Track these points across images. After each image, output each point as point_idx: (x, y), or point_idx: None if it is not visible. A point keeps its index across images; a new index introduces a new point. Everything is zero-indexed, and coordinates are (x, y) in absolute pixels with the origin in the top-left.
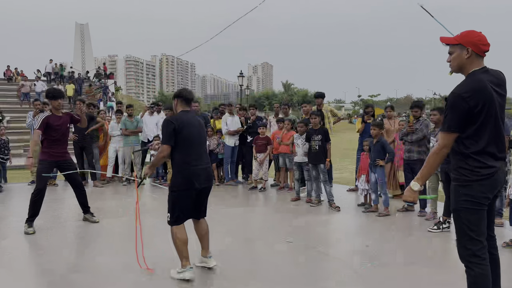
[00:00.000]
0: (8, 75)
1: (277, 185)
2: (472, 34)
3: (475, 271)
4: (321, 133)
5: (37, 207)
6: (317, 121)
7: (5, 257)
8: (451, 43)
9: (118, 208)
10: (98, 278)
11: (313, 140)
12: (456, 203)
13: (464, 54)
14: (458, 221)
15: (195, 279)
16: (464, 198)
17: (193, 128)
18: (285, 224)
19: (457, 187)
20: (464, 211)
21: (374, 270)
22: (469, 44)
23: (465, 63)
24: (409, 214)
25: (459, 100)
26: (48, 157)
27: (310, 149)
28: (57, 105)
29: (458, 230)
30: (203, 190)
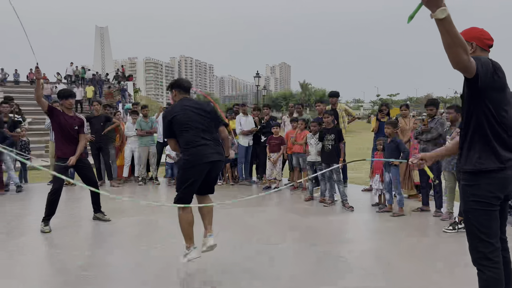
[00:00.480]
0: (31, 78)
1: (291, 185)
2: (474, 30)
3: (487, 274)
4: (334, 133)
5: (53, 206)
6: (329, 120)
7: (21, 254)
8: None
9: (133, 208)
10: (111, 276)
11: (326, 139)
12: (465, 204)
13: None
14: (468, 222)
15: (203, 278)
16: (472, 198)
17: (190, 112)
18: (297, 224)
19: (464, 187)
20: (473, 212)
21: (386, 271)
22: (472, 39)
23: None
24: (424, 214)
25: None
26: (63, 155)
27: (323, 149)
28: (68, 104)
29: (469, 232)
30: (213, 166)
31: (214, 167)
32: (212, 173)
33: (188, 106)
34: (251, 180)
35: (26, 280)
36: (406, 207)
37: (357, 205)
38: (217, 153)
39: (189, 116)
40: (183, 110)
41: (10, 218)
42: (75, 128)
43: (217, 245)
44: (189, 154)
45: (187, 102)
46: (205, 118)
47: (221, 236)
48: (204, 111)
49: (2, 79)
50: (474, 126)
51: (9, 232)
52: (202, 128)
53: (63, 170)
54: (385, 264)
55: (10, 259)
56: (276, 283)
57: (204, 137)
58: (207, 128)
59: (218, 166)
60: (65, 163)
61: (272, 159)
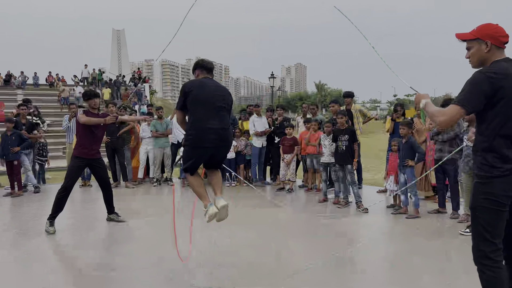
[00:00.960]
0: (50, 81)
1: (305, 186)
2: (489, 27)
3: (487, 274)
4: (348, 133)
5: (61, 204)
6: (343, 120)
7: (37, 254)
8: (468, 38)
9: (148, 208)
10: (125, 277)
11: (340, 140)
12: (474, 201)
13: (484, 48)
14: (475, 220)
15: (216, 275)
16: (483, 196)
17: (206, 89)
18: (310, 226)
19: (477, 184)
20: (482, 209)
21: (399, 274)
22: (487, 37)
23: (486, 57)
24: (441, 216)
25: (481, 77)
26: (82, 154)
27: (336, 150)
28: (93, 104)
29: (474, 230)
30: (216, 152)
31: (217, 152)
32: (216, 157)
33: (207, 86)
34: (264, 182)
35: (40, 280)
36: (422, 208)
37: (371, 206)
38: (220, 139)
39: (206, 95)
40: (201, 88)
41: (27, 219)
42: (103, 127)
43: (227, 243)
44: (193, 134)
45: (208, 81)
46: (220, 101)
47: (231, 235)
48: (223, 96)
49: (22, 82)
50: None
51: (25, 232)
52: (214, 111)
53: (78, 169)
54: (400, 267)
55: (25, 259)
56: (288, 284)
57: (214, 120)
58: (219, 112)
59: (221, 152)
60: (80, 163)
61: (285, 160)
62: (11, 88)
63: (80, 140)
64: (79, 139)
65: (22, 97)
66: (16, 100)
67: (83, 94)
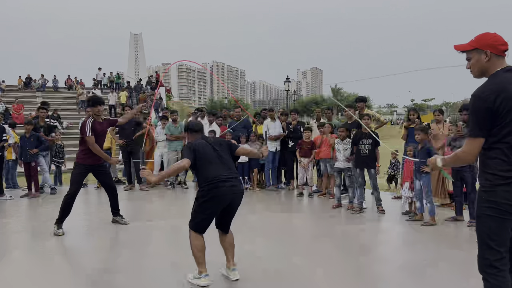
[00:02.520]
0: (69, 84)
1: (319, 191)
2: (486, 36)
3: (491, 282)
4: (372, 138)
5: (67, 209)
6: (369, 122)
7: (50, 255)
8: (467, 49)
9: (162, 211)
10: (136, 279)
11: (363, 143)
12: (478, 209)
13: (483, 58)
14: (479, 228)
15: (228, 282)
16: (486, 204)
17: (206, 148)
18: (323, 232)
19: (480, 192)
20: (485, 217)
21: (412, 284)
22: (486, 46)
23: (486, 66)
24: (457, 224)
25: (478, 101)
26: (84, 161)
27: (359, 153)
28: (97, 111)
29: (479, 238)
30: (232, 200)
31: (233, 200)
32: (232, 205)
33: (205, 143)
34: (278, 186)
35: (52, 280)
36: (439, 216)
37: (386, 213)
38: (234, 185)
39: (206, 151)
40: (202, 146)
41: (43, 220)
42: (105, 132)
43: (237, 249)
44: (207, 186)
45: (202, 139)
46: (221, 152)
47: (246, 242)
48: (220, 145)
49: (42, 85)
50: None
51: (41, 233)
52: (221, 164)
53: (81, 175)
54: (413, 276)
55: (39, 260)
56: None
57: (224, 171)
58: (226, 162)
59: (237, 199)
60: (83, 170)
61: (302, 163)
62: (31, 91)
63: (82, 147)
64: (81, 147)
65: (42, 100)
66: (36, 102)
67: (87, 101)
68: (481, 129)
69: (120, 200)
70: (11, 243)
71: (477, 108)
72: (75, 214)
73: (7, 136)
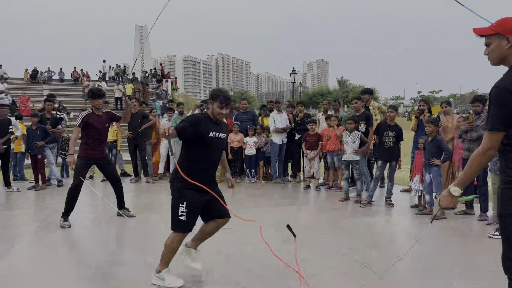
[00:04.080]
0: (75, 76)
1: (326, 184)
2: (508, 22)
3: None
4: (396, 131)
5: (73, 202)
6: (394, 115)
7: (55, 247)
8: (487, 33)
9: (168, 204)
10: (141, 272)
11: (386, 135)
12: (502, 208)
13: (504, 44)
14: (504, 228)
15: (231, 276)
16: (510, 202)
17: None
18: (330, 226)
19: (504, 190)
20: (510, 217)
21: (422, 279)
22: (508, 32)
23: (507, 53)
24: (467, 218)
25: (504, 94)
26: (86, 154)
27: (383, 145)
28: (96, 104)
29: (504, 239)
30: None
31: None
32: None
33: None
34: (284, 179)
35: (57, 273)
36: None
37: (395, 206)
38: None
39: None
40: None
41: (49, 212)
42: (106, 126)
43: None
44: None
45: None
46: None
47: (246, 235)
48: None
49: (48, 77)
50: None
51: (47, 225)
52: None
53: (84, 168)
54: (420, 271)
55: (45, 252)
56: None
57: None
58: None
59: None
60: (85, 162)
61: (308, 156)
62: (38, 83)
63: (84, 140)
64: (83, 139)
65: (48, 92)
66: (42, 95)
67: (88, 93)
68: (504, 123)
69: (126, 193)
70: (17, 235)
71: (503, 101)
72: (82, 207)
73: (13, 129)
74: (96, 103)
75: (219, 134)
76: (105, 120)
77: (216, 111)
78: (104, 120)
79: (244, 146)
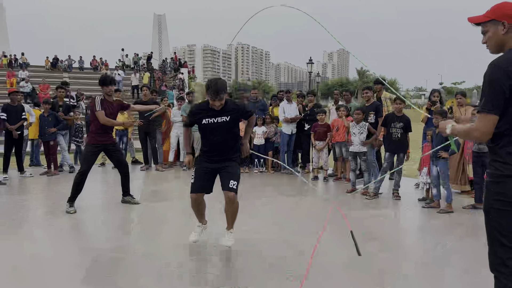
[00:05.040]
0: (94, 64)
1: (334, 175)
2: (504, 6)
3: (503, 282)
4: (403, 122)
5: (79, 187)
6: (401, 107)
7: (61, 233)
8: (482, 21)
9: (177, 191)
10: (146, 258)
11: (394, 127)
12: (487, 203)
13: (500, 29)
14: (488, 224)
15: (233, 266)
16: (495, 196)
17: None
18: (336, 218)
19: (489, 183)
20: (494, 212)
21: (421, 275)
22: (503, 17)
23: (504, 39)
24: (476, 213)
25: (497, 72)
26: (95, 141)
27: (390, 137)
28: (108, 91)
29: (489, 235)
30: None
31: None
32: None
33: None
34: (293, 169)
35: (60, 257)
36: (457, 203)
37: (402, 199)
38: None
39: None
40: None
41: (58, 197)
42: (116, 113)
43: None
44: None
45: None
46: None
47: (251, 225)
48: None
49: (69, 66)
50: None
51: (54, 210)
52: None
53: (93, 155)
54: (424, 267)
55: (49, 237)
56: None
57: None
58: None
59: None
60: (94, 149)
61: (317, 147)
62: (58, 71)
63: (93, 127)
64: (92, 126)
65: (69, 80)
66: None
67: (99, 80)
68: (495, 105)
69: (135, 180)
70: (25, 219)
71: (494, 78)
72: (90, 193)
73: (26, 115)
74: (107, 89)
75: (214, 119)
76: (116, 108)
77: (210, 102)
78: (115, 108)
79: (253, 135)
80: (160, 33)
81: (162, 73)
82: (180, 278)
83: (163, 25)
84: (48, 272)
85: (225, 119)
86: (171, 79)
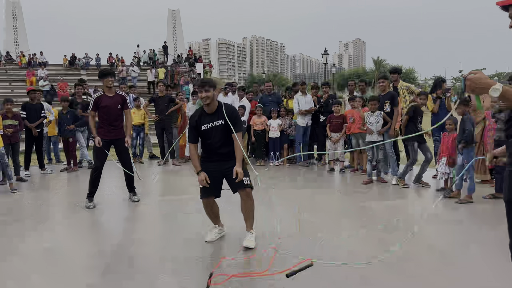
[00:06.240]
0: (110, 61)
1: (351, 166)
2: None
3: None
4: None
5: (95, 183)
6: (425, 102)
7: (78, 227)
8: (511, 3)
9: (193, 186)
10: (161, 251)
11: (421, 123)
12: (509, 193)
13: None
14: (510, 214)
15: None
16: None
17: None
18: (351, 209)
19: (509, 173)
20: None
21: (445, 266)
22: None
23: None
24: (497, 202)
25: None
26: (101, 136)
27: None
28: (107, 83)
29: (510, 226)
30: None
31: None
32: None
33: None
34: (309, 161)
35: (79, 250)
36: (476, 193)
37: (420, 189)
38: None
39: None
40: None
41: (77, 193)
42: (118, 107)
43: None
44: None
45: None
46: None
47: (273, 217)
48: None
49: (86, 63)
50: None
51: (74, 205)
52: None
53: (101, 151)
54: (443, 257)
55: (70, 230)
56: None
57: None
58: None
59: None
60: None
61: (333, 138)
62: (76, 69)
63: (99, 123)
64: (99, 121)
65: (86, 77)
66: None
67: (98, 73)
68: None
69: (152, 175)
70: (45, 214)
71: None
72: (109, 188)
73: (47, 113)
74: (106, 82)
75: (212, 124)
76: (117, 101)
77: (199, 98)
78: (116, 101)
79: (268, 128)
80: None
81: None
82: (197, 272)
83: (177, 20)
84: (69, 262)
85: (220, 123)
86: (187, 74)
